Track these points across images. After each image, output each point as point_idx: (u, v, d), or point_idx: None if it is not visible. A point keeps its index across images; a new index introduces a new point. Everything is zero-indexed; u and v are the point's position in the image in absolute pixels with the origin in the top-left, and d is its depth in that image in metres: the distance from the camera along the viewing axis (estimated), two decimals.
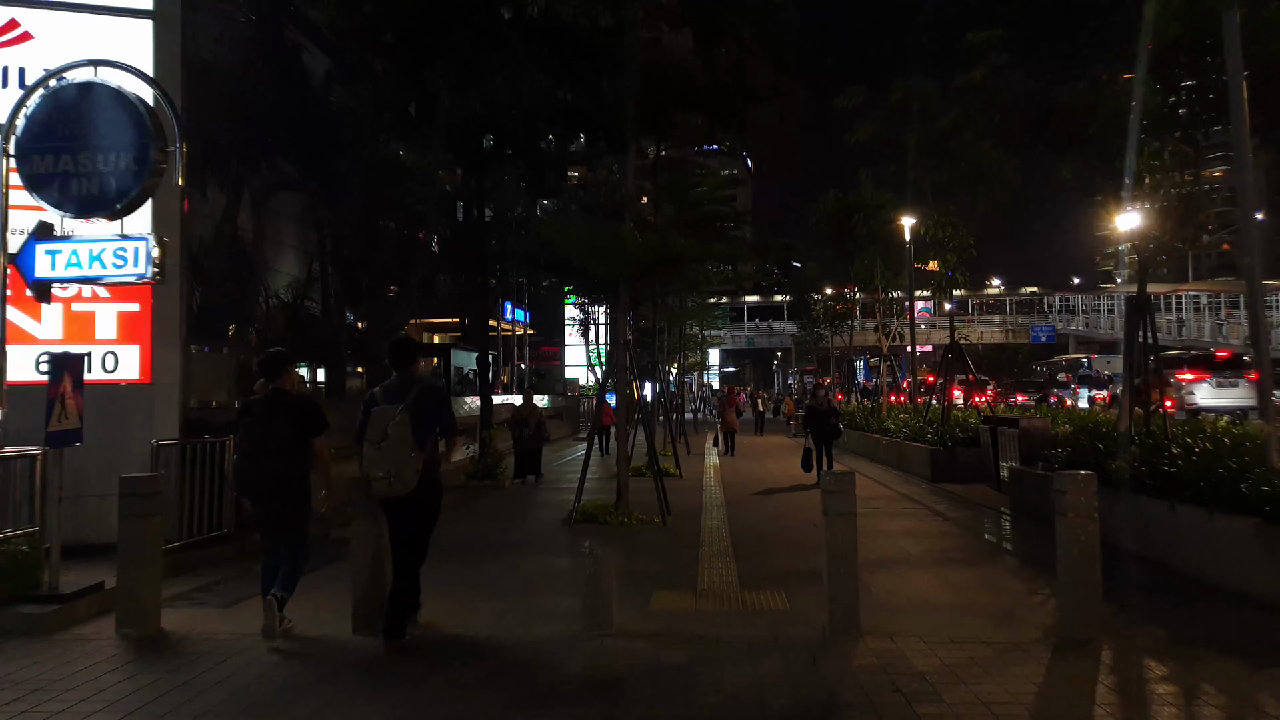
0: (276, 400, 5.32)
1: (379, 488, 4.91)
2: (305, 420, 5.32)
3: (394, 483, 4.87)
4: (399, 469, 4.86)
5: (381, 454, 4.86)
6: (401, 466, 4.86)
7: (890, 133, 15.93)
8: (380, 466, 4.87)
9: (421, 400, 5.07)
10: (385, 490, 4.91)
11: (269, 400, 5.33)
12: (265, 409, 5.29)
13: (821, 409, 13.89)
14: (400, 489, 4.90)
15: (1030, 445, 11.58)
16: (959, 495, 12.37)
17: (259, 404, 5.38)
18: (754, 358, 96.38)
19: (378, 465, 4.87)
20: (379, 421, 4.92)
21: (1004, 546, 8.79)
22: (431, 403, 5.16)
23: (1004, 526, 9.75)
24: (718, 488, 13.59)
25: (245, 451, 5.29)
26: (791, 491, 13.05)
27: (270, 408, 5.29)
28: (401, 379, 5.21)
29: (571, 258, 9.83)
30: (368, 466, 4.92)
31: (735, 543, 8.51)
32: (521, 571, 7.43)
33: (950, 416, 15.35)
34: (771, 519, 10.20)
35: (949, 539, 8.90)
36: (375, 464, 4.88)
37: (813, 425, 13.85)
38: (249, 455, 5.25)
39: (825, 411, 13.82)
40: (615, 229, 9.23)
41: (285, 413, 5.26)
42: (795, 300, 34.35)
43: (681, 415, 26.28)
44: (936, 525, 9.79)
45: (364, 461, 4.95)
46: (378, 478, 4.88)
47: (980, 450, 14.03)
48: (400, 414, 4.90)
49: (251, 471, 5.24)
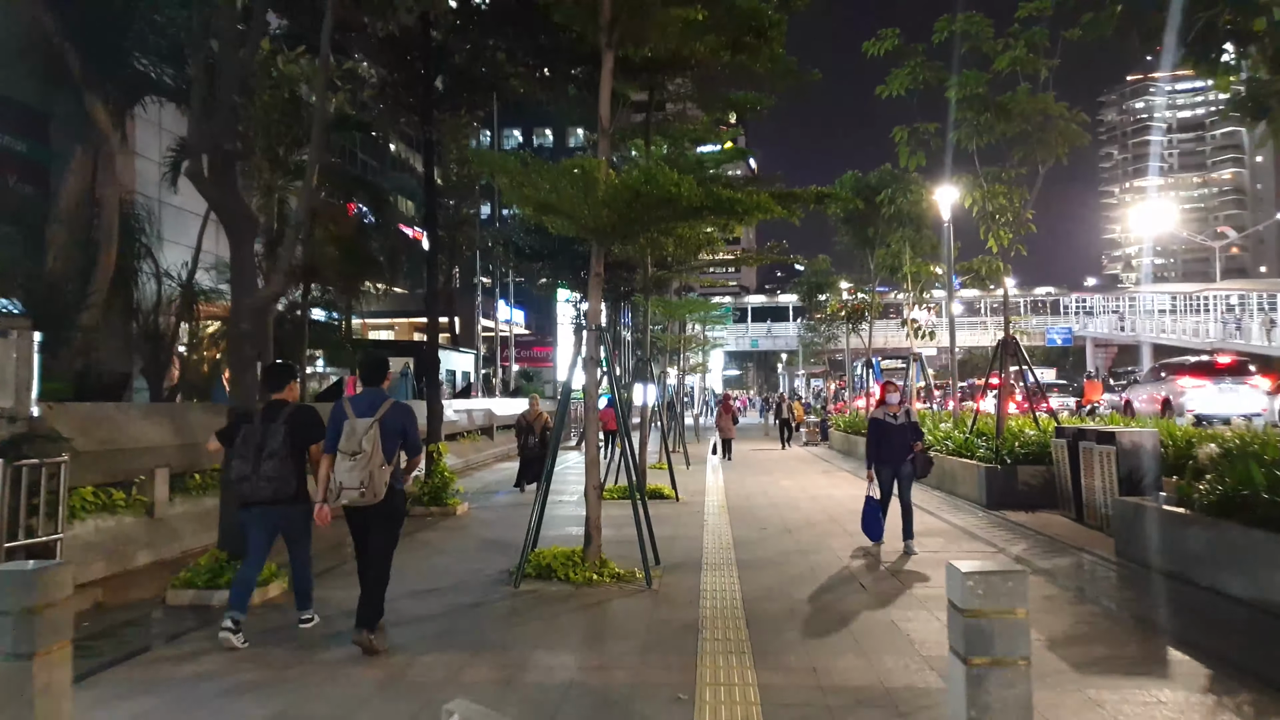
0: (276, 409, 5.53)
1: (351, 497, 5.06)
2: (303, 429, 5.49)
3: (366, 494, 5.05)
4: (371, 480, 5.04)
5: (356, 465, 5.04)
6: (374, 477, 5.05)
7: (930, 83, 13.17)
8: (354, 478, 5.03)
9: (391, 414, 5.24)
10: (358, 500, 5.07)
11: (268, 409, 5.56)
12: (264, 417, 5.50)
13: (895, 424, 8.32)
14: (372, 499, 5.08)
15: (1134, 467, 8.85)
16: (1031, 529, 9.62)
17: (259, 413, 5.57)
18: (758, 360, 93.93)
19: (352, 476, 5.04)
20: (353, 434, 5.09)
21: (1155, 626, 5.97)
22: (400, 418, 5.30)
23: (1127, 588, 6.98)
24: (722, 517, 10.84)
25: (244, 457, 5.40)
26: (818, 524, 10.28)
27: (269, 416, 5.50)
28: (371, 393, 5.41)
29: (520, 206, 7.10)
30: (341, 477, 5.07)
31: (752, 621, 5.75)
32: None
33: (1005, 427, 12.58)
34: (802, 575, 7.43)
35: (1062, 613, 6.13)
36: (349, 475, 5.04)
37: (882, 454, 8.30)
38: (248, 460, 5.38)
39: (902, 428, 8.31)
40: (580, 160, 6.51)
41: (283, 421, 5.44)
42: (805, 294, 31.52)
43: (681, 422, 23.50)
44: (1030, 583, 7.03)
45: (335, 472, 5.11)
46: (351, 489, 5.04)
47: (1048, 469, 11.30)
48: (373, 426, 5.10)
49: (250, 477, 5.36)
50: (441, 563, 8.00)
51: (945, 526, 9.99)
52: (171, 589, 6.33)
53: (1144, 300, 58.86)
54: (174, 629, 5.74)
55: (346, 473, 5.03)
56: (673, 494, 12.61)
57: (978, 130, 13.32)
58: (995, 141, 13.48)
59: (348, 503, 5.10)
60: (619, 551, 7.83)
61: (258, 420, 5.49)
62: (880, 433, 8.37)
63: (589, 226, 7.12)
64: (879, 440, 8.36)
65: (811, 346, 50.75)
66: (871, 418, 8.58)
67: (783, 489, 14.06)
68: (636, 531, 7.08)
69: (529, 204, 7.17)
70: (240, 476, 5.39)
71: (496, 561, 7.90)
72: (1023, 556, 8.09)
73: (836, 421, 26.42)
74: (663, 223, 6.95)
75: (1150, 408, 20.79)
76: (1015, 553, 8.31)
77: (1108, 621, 5.86)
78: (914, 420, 8.53)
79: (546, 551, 7.34)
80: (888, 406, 8.45)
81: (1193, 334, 49.54)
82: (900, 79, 13.19)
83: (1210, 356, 24.15)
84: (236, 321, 6.48)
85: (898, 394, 8.53)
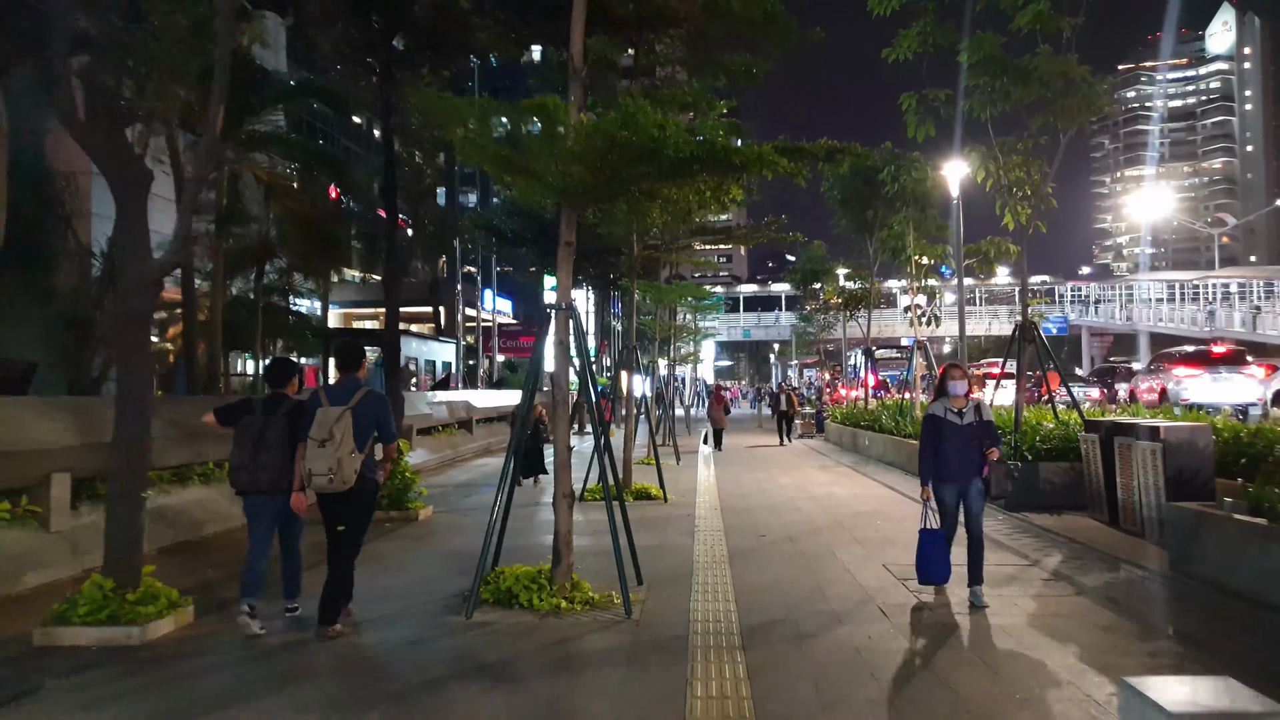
0: (276, 402, 5.58)
1: (319, 484, 5.09)
2: (301, 421, 5.33)
3: (335, 480, 5.05)
4: (340, 467, 5.04)
5: (324, 452, 5.04)
6: (343, 465, 5.04)
7: (941, 45, 12.04)
8: (323, 464, 5.03)
9: (364, 403, 5.25)
10: (326, 487, 5.09)
11: (269, 401, 5.61)
12: (264, 409, 5.53)
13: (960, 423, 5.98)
14: (340, 486, 5.07)
15: (1183, 466, 7.78)
16: (1061, 535, 8.55)
17: (260, 403, 5.61)
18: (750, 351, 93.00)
19: (320, 463, 5.04)
20: (324, 421, 5.10)
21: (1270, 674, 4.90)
22: (374, 406, 5.30)
23: (1203, 616, 5.90)
24: (715, 521, 9.73)
25: (242, 446, 5.43)
26: (822, 530, 9.19)
27: (269, 408, 5.53)
28: (346, 380, 5.46)
29: (478, 164, 5.95)
30: (310, 464, 5.08)
31: (754, 673, 4.63)
32: None
33: (1022, 419, 11.50)
34: (809, 598, 6.33)
35: (1132, 650, 5.04)
36: (318, 461, 5.05)
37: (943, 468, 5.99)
38: (246, 450, 5.41)
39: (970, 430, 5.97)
40: (545, 99, 5.35)
41: (283, 414, 5.48)
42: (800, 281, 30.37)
43: (670, 415, 22.38)
44: (1069, 603, 5.94)
45: (305, 459, 5.12)
46: (320, 475, 5.05)
47: (1073, 466, 10.25)
48: (344, 415, 5.11)
49: (248, 466, 5.40)
50: (388, 583, 6.86)
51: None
52: (41, 626, 5.17)
53: (1140, 289, 58.00)
54: (23, 682, 4.58)
55: (315, 459, 5.06)
56: (661, 494, 11.50)
57: (992, 98, 12.20)
58: (1010, 110, 12.38)
59: (316, 489, 5.15)
60: (598, 566, 6.73)
61: (259, 411, 5.54)
62: (939, 435, 5.97)
63: (557, 186, 5.97)
64: (938, 446, 5.97)
65: (805, 336, 49.77)
66: (928, 414, 6.14)
67: (780, 487, 12.97)
68: (614, 545, 5.96)
69: (487, 160, 6.01)
70: (238, 466, 5.45)
71: (454, 581, 6.76)
72: (1061, 571, 7.01)
73: (833, 413, 25.38)
74: (645, 181, 5.82)
75: (1149, 397, 20.60)
76: (1052, 566, 7.23)
77: (1198, 667, 4.76)
78: (987, 418, 6.05)
79: (509, 571, 6.22)
80: (950, 399, 6.02)
81: (1190, 322, 48.76)
82: (909, 40, 12.05)
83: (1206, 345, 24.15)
84: (125, 297, 5.31)
85: (964, 380, 6.04)
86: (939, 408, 6.09)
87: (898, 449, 15.64)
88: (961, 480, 6.02)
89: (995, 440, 6.05)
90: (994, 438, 6.06)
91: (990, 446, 5.98)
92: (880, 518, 9.86)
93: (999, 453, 6.02)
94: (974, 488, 6.01)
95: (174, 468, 8.96)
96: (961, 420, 5.99)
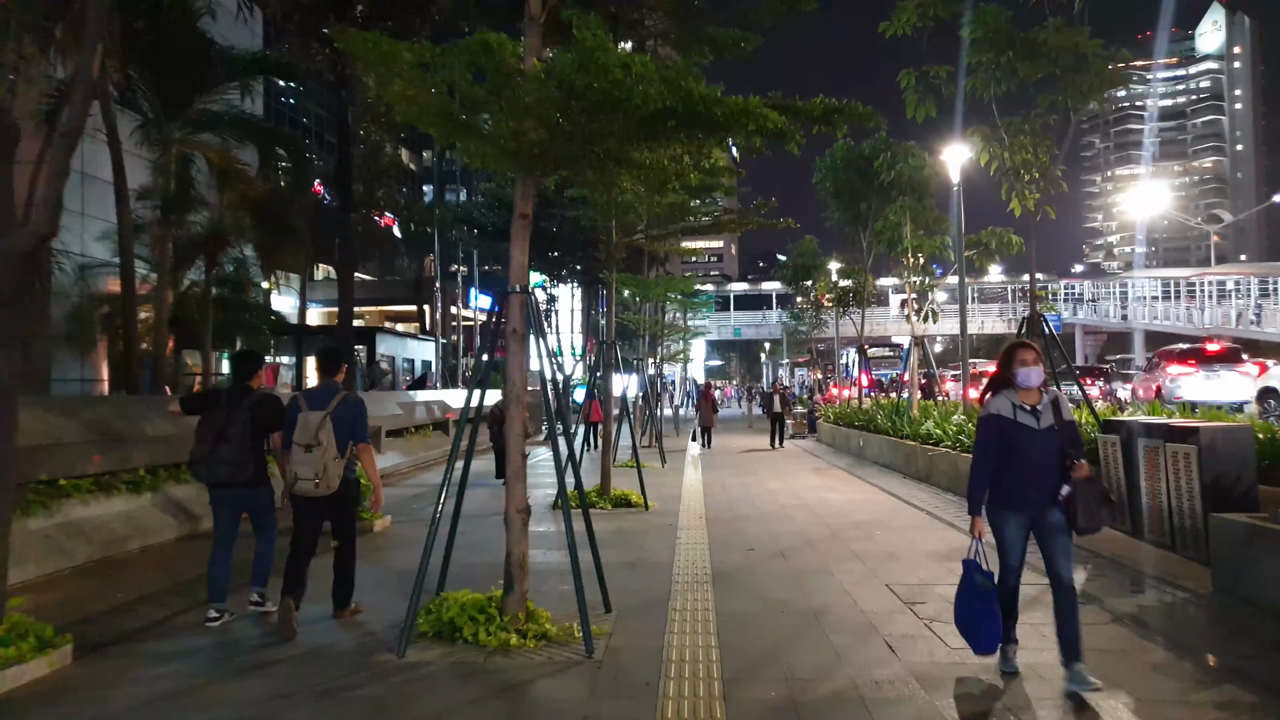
0: (240, 395, 5.61)
1: (305, 488, 5.15)
2: (265, 416, 5.55)
3: (320, 485, 5.13)
4: (325, 472, 5.12)
5: (311, 457, 5.12)
6: (328, 469, 5.13)
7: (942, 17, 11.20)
8: (309, 469, 5.12)
9: (341, 408, 5.29)
10: (312, 491, 5.15)
11: (232, 393, 5.64)
12: (229, 400, 5.57)
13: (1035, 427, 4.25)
14: (325, 490, 5.15)
15: (1222, 472, 6.94)
16: (1081, 547, 7.68)
17: (224, 395, 5.65)
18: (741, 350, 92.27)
19: (307, 468, 5.13)
20: (308, 427, 5.17)
21: None
22: (351, 410, 5.34)
23: (1256, 646, 5.05)
24: (699, 533, 8.85)
25: (203, 438, 5.49)
26: (817, 543, 8.33)
27: (233, 399, 5.56)
28: (325, 385, 5.50)
29: (418, 124, 5.04)
30: (296, 469, 5.16)
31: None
32: None
33: None
34: (805, 630, 5.47)
35: (1197, 702, 4.19)
36: (304, 466, 5.13)
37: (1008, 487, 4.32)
38: (206, 442, 5.46)
39: (1048, 435, 4.24)
40: (485, 35, 4.45)
41: (247, 408, 5.52)
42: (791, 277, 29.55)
43: (655, 416, 21.50)
44: (1107, 634, 5.09)
45: (291, 464, 5.21)
46: (306, 480, 5.13)
47: (1092, 470, 9.41)
48: (325, 419, 5.17)
49: (208, 457, 5.44)
50: (321, 610, 5.94)
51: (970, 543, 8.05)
52: None
53: (1136, 286, 57.50)
54: None
55: (302, 464, 5.15)
56: (642, 502, 10.63)
57: (996, 76, 11.36)
58: (1015, 89, 11.56)
59: (301, 494, 5.21)
60: (566, 587, 5.83)
61: (222, 403, 5.58)
62: (1001, 442, 4.28)
63: (510, 149, 5.09)
64: (999, 456, 4.28)
65: (796, 335, 48.94)
66: (988, 414, 4.35)
67: (770, 493, 12.11)
68: (573, 569, 5.07)
69: (429, 118, 5.12)
70: (198, 458, 5.50)
71: (398, 608, 5.80)
72: (1089, 591, 6.17)
73: (825, 412, 24.56)
74: (610, 140, 4.95)
75: (1148, 395, 20.31)
76: (1076, 584, 6.37)
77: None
78: (1068, 418, 4.30)
79: (454, 598, 5.33)
80: (1019, 392, 4.31)
81: (1186, 320, 48.20)
82: (908, 13, 11.19)
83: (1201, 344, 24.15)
84: None
85: (1038, 366, 4.31)
86: (1003, 404, 4.30)
87: (894, 450, 14.81)
88: (1035, 508, 4.26)
89: (1079, 449, 4.24)
90: (1078, 445, 4.26)
91: (1075, 457, 4.18)
92: (879, 528, 9.01)
93: (1088, 467, 4.24)
94: (1054, 517, 4.25)
95: (95, 476, 8.03)
96: (1038, 423, 4.22)
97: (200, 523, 8.95)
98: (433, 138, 5.56)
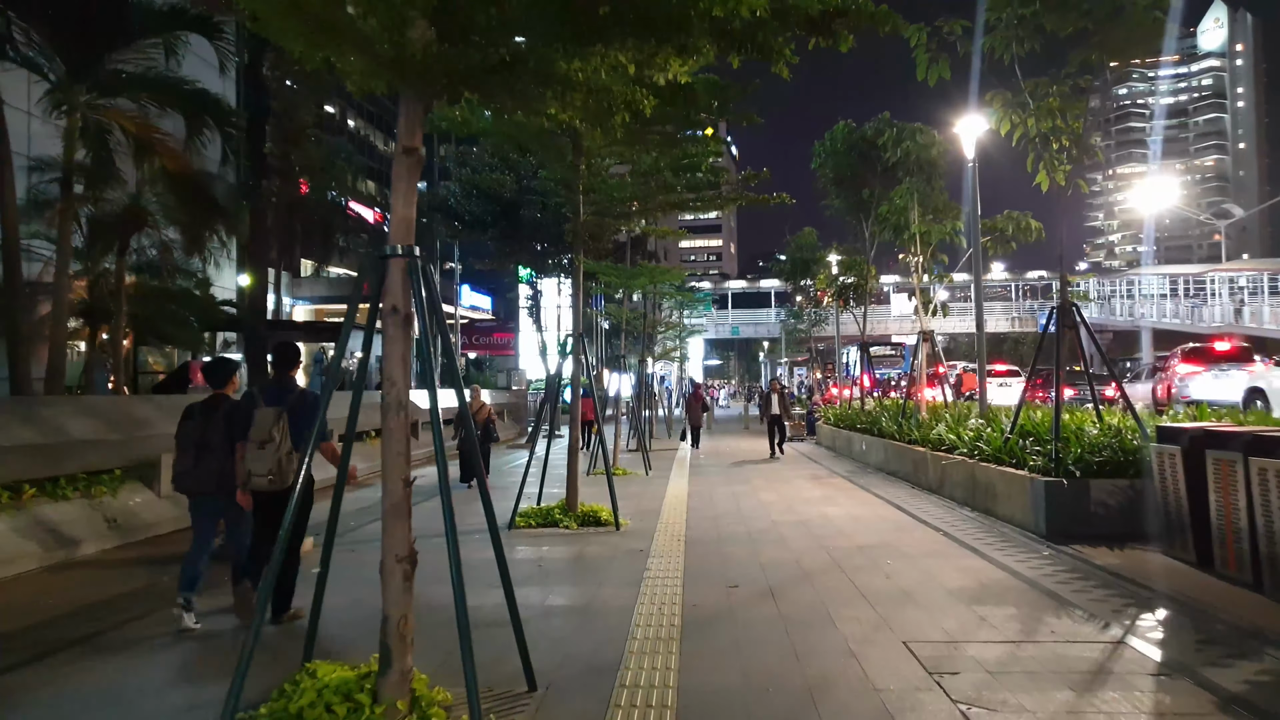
0: (215, 404, 5.61)
1: (259, 484, 5.21)
2: (238, 423, 5.45)
3: (275, 480, 5.19)
4: (279, 468, 5.19)
5: (264, 453, 5.17)
6: (282, 465, 5.20)
7: None
8: (263, 465, 5.17)
9: (299, 404, 5.36)
10: (266, 487, 5.20)
11: (207, 404, 5.63)
12: (204, 412, 5.58)
13: None
14: (280, 486, 5.20)
15: None
16: (1140, 585, 6.28)
17: (199, 407, 5.64)
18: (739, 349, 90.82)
19: (261, 464, 5.17)
20: (263, 423, 5.22)
21: None
22: (307, 406, 5.38)
23: None
24: (675, 560, 7.37)
25: (184, 451, 5.48)
26: (814, 576, 6.87)
27: (208, 411, 5.57)
28: (280, 381, 5.59)
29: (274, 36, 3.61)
30: (250, 465, 5.20)
31: None
32: None
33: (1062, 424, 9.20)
34: (797, 707, 4.03)
35: None
36: (258, 463, 5.18)
37: None
38: (189, 455, 5.46)
39: None
40: None
41: (223, 415, 5.50)
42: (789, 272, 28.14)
43: (640, 418, 20.02)
44: None
45: (245, 460, 5.23)
46: (260, 475, 5.18)
47: (1133, 485, 8.01)
48: (280, 415, 5.24)
49: (192, 470, 5.45)
50: (156, 679, 4.48)
51: (1002, 576, 6.61)
52: None
53: (1143, 284, 56.09)
54: None
55: (255, 461, 5.17)
56: (612, 520, 9.17)
57: (1019, 35, 9.94)
58: (1040, 48, 10.15)
59: (256, 489, 5.22)
60: (502, 641, 4.35)
61: (198, 414, 5.57)
62: None
63: (391, 58, 3.65)
64: None
65: (795, 333, 47.49)
66: None
67: (762, 507, 10.66)
68: (459, 632, 3.62)
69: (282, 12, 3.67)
70: (181, 471, 5.50)
71: (266, 678, 4.36)
72: (1173, 657, 4.71)
73: (825, 414, 23.12)
74: (527, 38, 3.53)
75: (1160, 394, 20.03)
76: (1151, 643, 4.93)
77: None
78: None
79: (320, 674, 3.88)
80: None
81: (1195, 318, 46.73)
82: None
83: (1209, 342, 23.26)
84: None
85: None
86: None
87: (901, 457, 13.36)
88: None
89: None
90: None
91: None
92: (890, 554, 7.56)
93: None
94: None
95: None
96: None
97: (77, 549, 7.51)
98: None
